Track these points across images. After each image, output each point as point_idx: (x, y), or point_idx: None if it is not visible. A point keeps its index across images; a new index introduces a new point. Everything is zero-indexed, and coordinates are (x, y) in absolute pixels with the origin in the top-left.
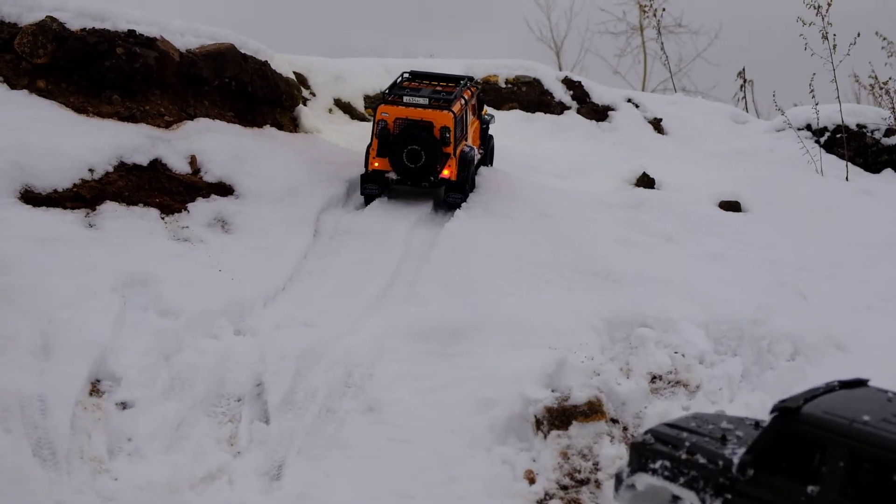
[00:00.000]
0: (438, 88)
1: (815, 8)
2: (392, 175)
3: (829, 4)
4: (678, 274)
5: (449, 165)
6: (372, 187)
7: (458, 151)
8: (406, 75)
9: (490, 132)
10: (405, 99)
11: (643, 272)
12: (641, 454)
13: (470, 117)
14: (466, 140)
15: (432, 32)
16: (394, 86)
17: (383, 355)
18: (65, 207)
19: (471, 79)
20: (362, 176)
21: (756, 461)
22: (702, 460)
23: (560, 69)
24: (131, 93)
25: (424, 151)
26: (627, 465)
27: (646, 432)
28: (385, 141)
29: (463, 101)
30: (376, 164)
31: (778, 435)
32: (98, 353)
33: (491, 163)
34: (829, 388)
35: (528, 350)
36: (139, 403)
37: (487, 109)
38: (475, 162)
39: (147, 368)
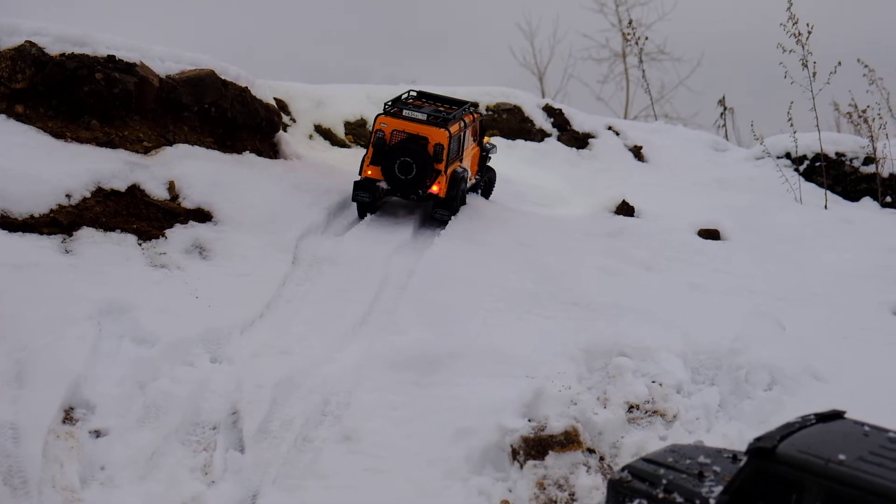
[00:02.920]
0: (440, 108)
1: (795, 36)
2: (383, 184)
3: (810, 32)
4: (657, 303)
5: (439, 182)
6: (363, 195)
7: (449, 170)
8: (412, 93)
9: (491, 164)
10: (404, 112)
11: (622, 301)
12: (619, 492)
13: (469, 142)
14: (462, 162)
15: (414, 58)
16: (397, 100)
17: (361, 384)
18: (41, 233)
19: (475, 105)
20: (355, 183)
21: (733, 502)
22: (679, 499)
23: (543, 95)
24: (110, 118)
25: (416, 164)
26: (605, 502)
27: (623, 468)
28: (380, 150)
29: (462, 124)
30: (369, 172)
31: (754, 475)
32: (72, 380)
33: (488, 195)
34: (805, 423)
35: (506, 379)
36: (113, 432)
37: (490, 139)
38: (466, 183)
39: (122, 396)
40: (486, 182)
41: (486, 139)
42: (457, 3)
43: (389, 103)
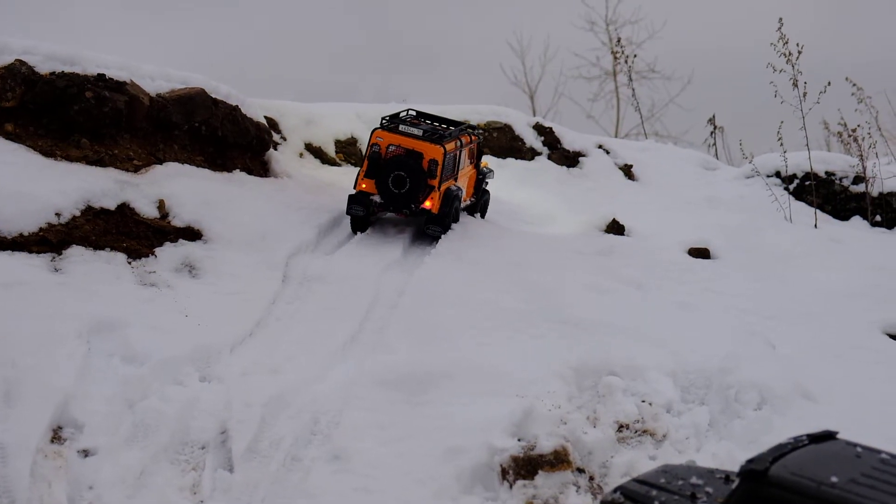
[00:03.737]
0: (438, 127)
1: (785, 56)
2: (377, 198)
3: (800, 52)
4: (647, 322)
5: (432, 198)
6: (357, 208)
7: (443, 187)
8: (411, 112)
9: (488, 187)
10: (401, 128)
11: (612, 320)
12: None
13: (465, 162)
14: (456, 181)
15: (405, 75)
16: (395, 117)
17: (350, 403)
18: (31, 251)
19: (473, 127)
20: (350, 196)
21: None
22: None
23: (534, 113)
24: (100, 136)
25: (410, 179)
26: None
27: (615, 490)
28: (375, 164)
29: (458, 143)
30: (363, 186)
31: (746, 497)
32: (61, 399)
33: (483, 215)
34: (797, 444)
35: (496, 398)
36: (101, 451)
37: (488, 163)
38: (459, 201)
39: (110, 415)
40: (481, 204)
41: (483, 164)
42: (448, 21)
43: (387, 119)
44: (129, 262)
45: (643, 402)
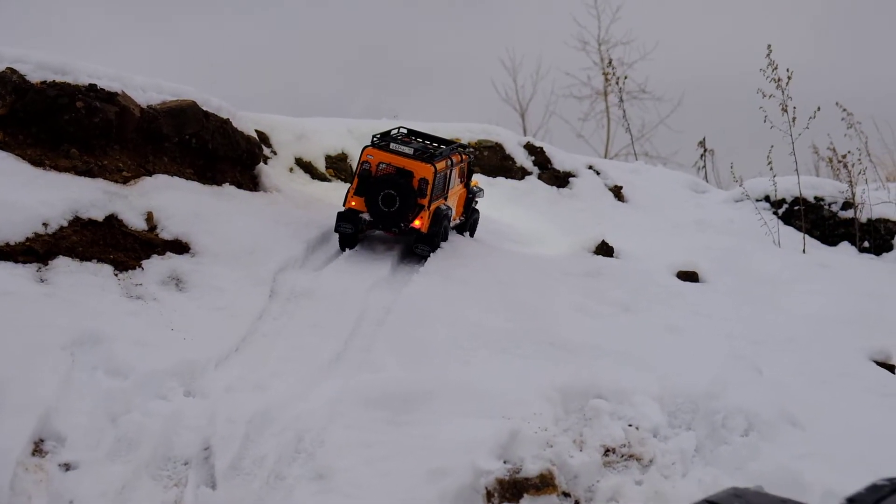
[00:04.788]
0: (428, 145)
1: (775, 81)
2: (366, 216)
3: (790, 78)
4: (634, 344)
5: (421, 217)
6: (346, 226)
7: (433, 206)
8: (402, 130)
9: (477, 206)
10: (392, 146)
11: (599, 342)
12: None
13: (455, 182)
14: (446, 200)
15: (397, 92)
16: (386, 134)
17: (335, 421)
18: (16, 261)
19: (464, 146)
20: (338, 213)
21: None
22: None
23: (525, 131)
24: (90, 147)
25: (399, 198)
26: None
27: None
28: (365, 182)
29: (449, 163)
30: (353, 203)
31: None
32: (43, 412)
33: (472, 234)
34: (894, 487)
35: (482, 419)
36: (83, 465)
37: (478, 182)
38: (448, 220)
39: (93, 429)
40: (471, 223)
41: (473, 182)
42: (440, 38)
43: (378, 136)
44: (116, 274)
45: (630, 426)
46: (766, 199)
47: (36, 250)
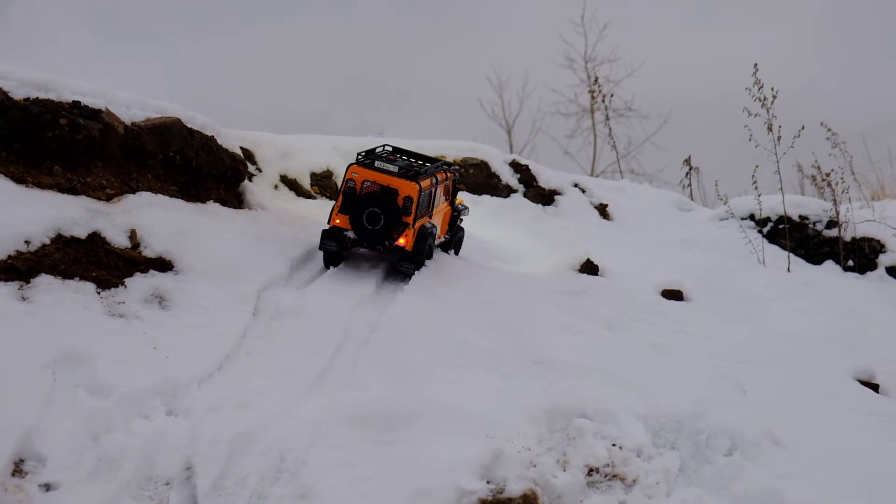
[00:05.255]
0: (413, 163)
1: (760, 100)
2: (350, 234)
3: (774, 97)
4: (619, 363)
5: (406, 235)
6: (331, 244)
7: (417, 224)
8: (387, 147)
9: (462, 224)
10: (376, 164)
11: (584, 361)
12: None
13: (440, 199)
14: (431, 218)
15: (383, 109)
16: (371, 152)
17: (319, 441)
18: None
19: (449, 164)
20: (323, 231)
21: None
22: None
23: (511, 148)
24: (73, 164)
25: (384, 215)
26: None
27: None
28: (349, 200)
29: (434, 181)
30: (337, 221)
31: None
32: (24, 432)
33: (457, 252)
34: None
35: (466, 438)
36: (63, 485)
37: (463, 200)
38: (433, 239)
39: (74, 449)
40: (456, 241)
41: (458, 200)
42: (427, 55)
43: (363, 154)
44: (99, 293)
45: (614, 445)
46: (751, 217)
47: (18, 268)
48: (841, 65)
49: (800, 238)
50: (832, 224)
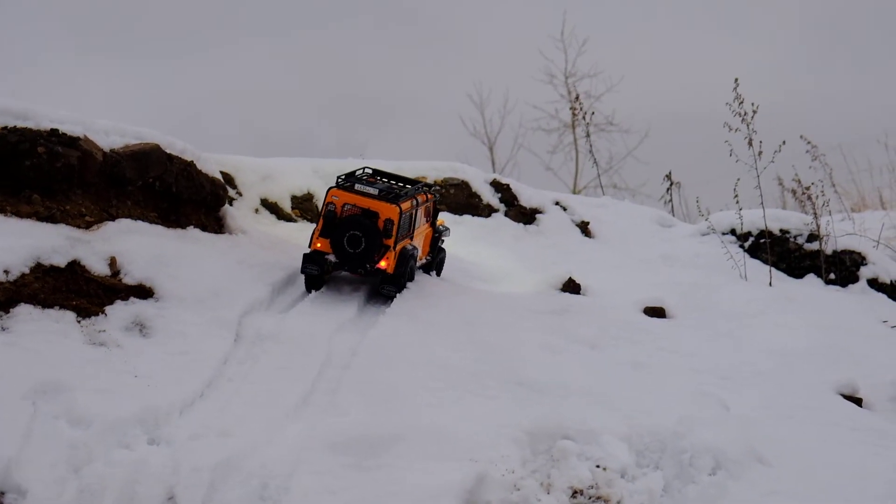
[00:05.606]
0: (393, 185)
1: (740, 115)
2: (332, 257)
3: (755, 112)
4: (601, 383)
5: (387, 258)
6: (312, 268)
7: (399, 246)
8: (367, 170)
9: (444, 245)
10: (356, 187)
11: (567, 381)
12: None
13: (421, 221)
14: (412, 240)
15: (363, 126)
16: (351, 175)
17: (300, 467)
18: None
19: (429, 186)
20: (304, 255)
21: None
22: None
23: (493, 165)
24: (52, 192)
25: (365, 239)
26: None
27: None
28: (330, 223)
29: (414, 202)
30: (318, 245)
31: None
32: (4, 465)
33: (438, 273)
34: None
35: (449, 462)
36: None
37: (444, 221)
38: (415, 261)
39: (55, 481)
40: (437, 262)
41: (439, 221)
42: (407, 74)
43: (343, 177)
44: (79, 321)
45: (597, 466)
46: (733, 232)
47: None
48: (821, 77)
49: (781, 252)
50: (813, 237)
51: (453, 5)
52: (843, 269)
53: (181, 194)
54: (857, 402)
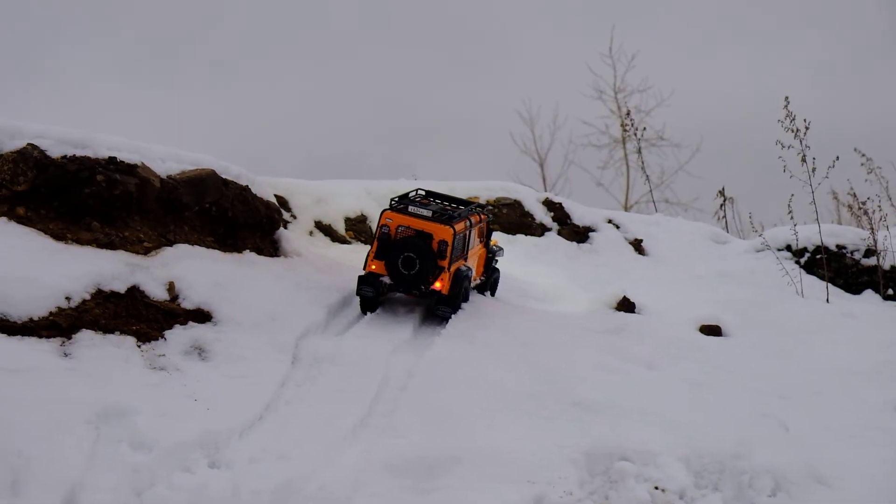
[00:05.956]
0: (447, 206)
1: (793, 132)
2: (386, 279)
3: (807, 128)
4: (658, 403)
5: (442, 279)
6: (367, 290)
7: (453, 267)
8: (420, 192)
9: (497, 265)
10: (410, 209)
11: (623, 401)
12: None
13: (475, 242)
14: (466, 261)
15: (414, 149)
16: (404, 196)
17: (359, 490)
18: (40, 336)
19: (482, 206)
20: (359, 277)
21: None
22: None
23: (544, 181)
24: (111, 219)
25: (419, 260)
26: None
27: None
28: (384, 245)
29: (468, 223)
30: (373, 267)
31: None
32: (68, 488)
33: (493, 293)
34: None
35: (507, 484)
36: None
37: (497, 241)
38: (469, 281)
39: None
40: (491, 283)
41: (493, 241)
42: (456, 93)
43: (396, 199)
44: (139, 346)
45: (656, 488)
46: (788, 248)
47: (59, 324)
48: (872, 87)
49: (838, 268)
50: (870, 252)
51: (500, 23)
52: None
53: (237, 218)
54: None
